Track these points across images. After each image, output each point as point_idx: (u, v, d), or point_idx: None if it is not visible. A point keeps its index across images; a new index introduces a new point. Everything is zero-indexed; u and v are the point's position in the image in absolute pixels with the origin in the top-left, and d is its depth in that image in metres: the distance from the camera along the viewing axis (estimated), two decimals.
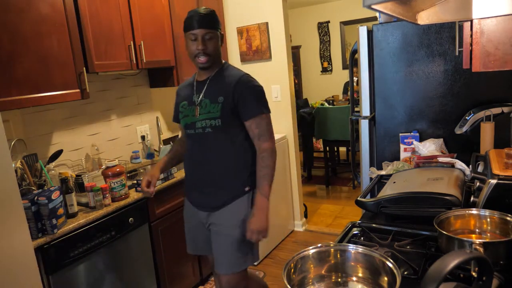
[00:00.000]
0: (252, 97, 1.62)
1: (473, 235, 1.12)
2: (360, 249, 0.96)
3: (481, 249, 0.93)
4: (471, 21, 1.12)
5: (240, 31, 3.25)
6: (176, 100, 1.81)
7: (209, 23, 1.60)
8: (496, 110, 1.77)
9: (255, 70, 3.27)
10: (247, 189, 1.67)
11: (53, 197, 1.66)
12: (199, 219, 1.76)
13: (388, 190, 1.44)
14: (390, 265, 0.87)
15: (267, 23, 3.12)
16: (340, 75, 6.50)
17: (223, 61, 1.74)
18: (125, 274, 2.02)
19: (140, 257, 2.12)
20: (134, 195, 2.06)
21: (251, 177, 1.67)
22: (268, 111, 1.67)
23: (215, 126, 1.61)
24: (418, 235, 1.22)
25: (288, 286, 0.83)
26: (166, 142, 3.02)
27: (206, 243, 1.78)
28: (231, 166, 1.66)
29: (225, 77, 1.67)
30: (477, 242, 0.94)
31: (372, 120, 2.21)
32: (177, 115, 1.78)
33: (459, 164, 1.64)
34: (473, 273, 0.84)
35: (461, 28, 1.64)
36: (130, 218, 2.02)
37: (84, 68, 2.01)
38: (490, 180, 1.19)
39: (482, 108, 1.80)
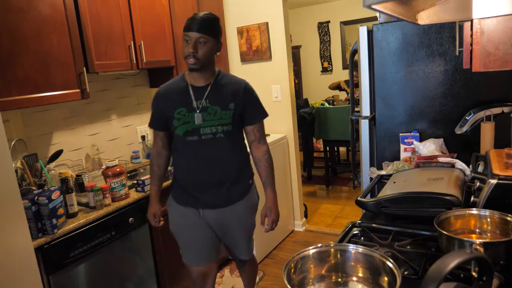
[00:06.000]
0: (257, 104, 1.81)
1: (473, 235, 1.12)
2: (360, 249, 0.96)
3: (481, 249, 0.93)
4: (471, 21, 1.11)
5: (240, 31, 3.25)
6: (162, 106, 1.74)
7: (206, 28, 1.59)
8: (496, 110, 1.77)
9: (255, 70, 3.28)
10: (250, 181, 1.88)
11: (53, 197, 1.66)
12: (205, 221, 1.80)
13: (388, 190, 1.44)
14: (390, 265, 0.87)
15: (267, 23, 3.12)
16: (340, 75, 6.50)
17: (217, 69, 1.76)
18: (125, 274, 2.02)
19: (140, 257, 2.12)
20: (134, 195, 2.06)
21: (251, 171, 1.89)
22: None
23: (226, 131, 1.70)
24: (418, 235, 1.22)
25: (288, 286, 0.83)
26: None
27: (213, 247, 1.88)
28: (241, 164, 1.82)
29: (229, 84, 1.74)
30: (477, 242, 0.94)
31: (372, 120, 2.21)
32: (161, 122, 1.76)
33: (459, 164, 1.64)
34: (473, 273, 0.84)
35: (461, 28, 1.64)
36: (130, 218, 2.02)
37: (84, 68, 2.01)
38: (490, 180, 1.19)
39: (482, 108, 1.80)
